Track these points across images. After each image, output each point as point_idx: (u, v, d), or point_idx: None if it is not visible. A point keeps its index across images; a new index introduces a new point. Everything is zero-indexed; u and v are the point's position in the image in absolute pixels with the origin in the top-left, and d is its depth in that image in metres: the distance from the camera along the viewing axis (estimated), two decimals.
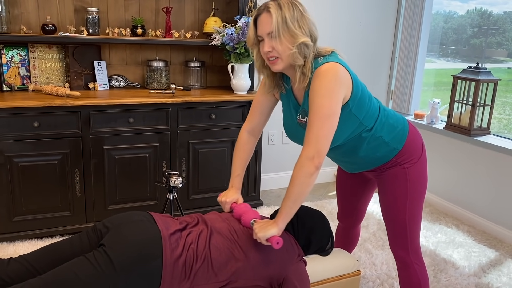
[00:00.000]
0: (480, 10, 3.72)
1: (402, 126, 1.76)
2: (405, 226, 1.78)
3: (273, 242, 1.53)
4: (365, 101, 1.64)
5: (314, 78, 1.54)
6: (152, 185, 2.92)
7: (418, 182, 1.76)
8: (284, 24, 1.51)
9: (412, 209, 1.76)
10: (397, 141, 1.73)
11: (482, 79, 3.15)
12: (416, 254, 1.82)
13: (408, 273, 1.83)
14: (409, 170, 1.75)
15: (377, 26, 3.94)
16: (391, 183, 1.77)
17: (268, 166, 3.76)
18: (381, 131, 1.70)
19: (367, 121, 1.66)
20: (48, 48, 2.96)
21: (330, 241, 1.94)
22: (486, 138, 3.18)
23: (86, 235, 1.60)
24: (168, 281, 1.47)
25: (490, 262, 2.75)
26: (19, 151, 2.56)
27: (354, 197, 2.07)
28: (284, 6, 1.53)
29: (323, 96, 1.51)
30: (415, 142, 1.77)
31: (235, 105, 3.05)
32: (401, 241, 1.81)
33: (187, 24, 3.31)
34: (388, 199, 1.80)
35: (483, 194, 3.20)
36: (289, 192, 1.56)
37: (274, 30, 1.52)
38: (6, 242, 2.67)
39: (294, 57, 1.55)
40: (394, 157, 1.74)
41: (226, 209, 1.82)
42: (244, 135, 1.88)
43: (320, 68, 1.54)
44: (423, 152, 1.79)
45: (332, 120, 1.52)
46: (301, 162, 1.53)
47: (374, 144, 1.71)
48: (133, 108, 2.76)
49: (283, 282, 1.64)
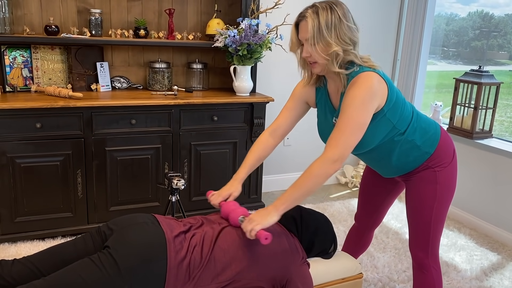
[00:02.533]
0: (481, 13, 3.72)
1: (434, 131, 1.77)
2: (429, 228, 1.78)
3: (261, 237, 1.49)
4: (399, 105, 1.66)
5: (350, 86, 1.57)
6: (154, 186, 2.92)
7: (447, 186, 1.77)
8: (319, 32, 1.54)
9: (439, 212, 1.77)
10: (429, 145, 1.74)
11: (484, 82, 3.15)
12: (435, 258, 1.83)
13: (424, 276, 1.83)
14: (439, 174, 1.75)
15: (380, 29, 3.94)
16: (420, 184, 1.78)
17: (270, 168, 3.76)
18: (414, 134, 1.71)
19: (400, 125, 1.68)
20: (51, 49, 2.96)
21: (333, 244, 1.94)
22: (488, 141, 3.18)
23: (90, 237, 1.59)
24: (172, 283, 1.47)
25: (492, 266, 2.75)
26: (21, 152, 2.57)
27: (377, 198, 2.06)
28: (322, 11, 1.54)
29: (356, 107, 1.53)
30: (446, 146, 1.78)
31: (237, 107, 3.05)
32: (422, 243, 1.81)
33: (190, 25, 3.31)
34: (416, 199, 1.80)
35: (485, 197, 3.20)
36: (300, 184, 1.56)
37: (309, 38, 1.56)
38: (8, 243, 2.67)
39: (328, 64, 1.58)
40: (425, 161, 1.75)
41: (213, 201, 1.80)
42: (264, 134, 1.89)
43: (358, 77, 1.56)
44: (454, 157, 1.79)
45: (361, 131, 1.56)
46: (323, 161, 1.54)
47: (406, 148, 1.72)
48: (135, 110, 2.76)
49: (286, 283, 1.64)
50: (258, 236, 1.51)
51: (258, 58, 3.07)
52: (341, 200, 3.62)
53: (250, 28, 2.94)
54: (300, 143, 3.82)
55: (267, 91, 3.46)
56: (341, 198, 3.69)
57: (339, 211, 3.41)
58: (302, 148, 3.84)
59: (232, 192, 1.81)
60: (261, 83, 3.45)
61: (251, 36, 2.92)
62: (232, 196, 1.81)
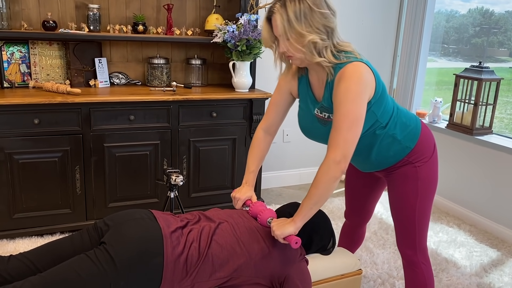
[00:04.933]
0: (481, 9, 3.70)
1: (415, 125, 1.75)
2: (414, 225, 1.76)
3: (292, 241, 1.54)
4: (384, 98, 1.64)
5: (340, 80, 1.52)
6: (152, 182, 2.91)
7: (428, 181, 1.75)
8: (289, 26, 1.49)
9: (422, 208, 1.75)
10: (409, 140, 1.72)
11: (484, 78, 3.14)
12: (423, 253, 1.82)
13: (415, 273, 1.82)
14: (420, 169, 1.73)
15: (379, 25, 3.93)
16: (401, 181, 1.76)
17: (269, 165, 3.75)
18: (395, 128, 1.69)
19: (382, 118, 1.65)
20: (49, 45, 2.94)
21: (331, 240, 1.93)
22: (488, 138, 3.17)
23: (87, 233, 1.59)
24: (169, 279, 1.46)
25: (492, 262, 2.75)
26: (20, 148, 2.55)
27: (362, 196, 2.06)
28: (290, 3, 1.48)
29: (350, 101, 1.49)
30: (427, 141, 1.76)
31: (236, 103, 3.04)
32: (409, 240, 1.80)
33: (189, 21, 3.29)
34: (398, 197, 1.78)
35: (485, 194, 3.19)
36: (311, 194, 1.54)
37: (281, 34, 1.51)
38: (6, 239, 2.66)
39: (307, 56, 1.53)
40: (406, 156, 1.72)
41: (238, 206, 1.80)
42: (260, 133, 1.87)
43: (345, 69, 1.51)
44: (434, 152, 1.78)
45: (359, 124, 1.52)
46: (327, 165, 1.51)
47: (387, 142, 1.70)
48: (134, 106, 2.75)
49: (285, 280, 1.63)
50: (288, 240, 1.55)
51: (257, 54, 3.05)
52: (340, 197, 3.61)
53: (249, 24, 2.92)
54: (299, 140, 3.81)
55: (266, 87, 3.45)
56: (340, 195, 3.68)
57: (338, 208, 3.40)
58: (301, 144, 3.82)
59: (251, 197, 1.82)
60: (260, 79, 3.43)
61: (250, 32, 2.90)
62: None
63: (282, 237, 1.55)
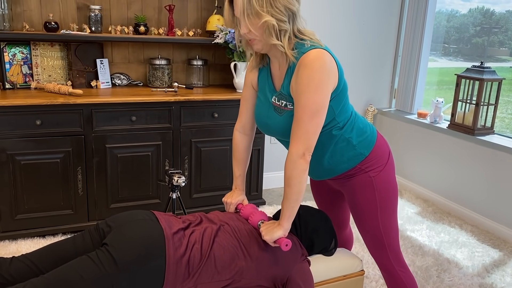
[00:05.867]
0: (482, 9, 3.70)
1: (371, 132, 1.70)
2: (381, 236, 1.72)
3: (282, 244, 1.53)
4: (344, 94, 1.59)
5: (300, 67, 1.45)
6: (154, 183, 2.91)
7: (386, 190, 1.69)
8: (248, 3, 1.42)
9: (385, 218, 1.70)
10: (364, 147, 1.66)
11: (486, 78, 3.14)
12: (398, 260, 1.78)
13: (395, 281, 1.80)
14: (375, 179, 1.67)
15: (381, 25, 3.93)
16: (358, 193, 1.71)
17: (271, 165, 3.75)
18: (351, 132, 1.64)
19: (340, 117, 1.60)
20: (51, 46, 2.95)
21: (333, 241, 1.92)
22: (490, 138, 3.17)
23: (89, 234, 1.58)
24: (171, 280, 1.46)
25: (494, 262, 2.74)
26: (21, 149, 2.56)
27: (331, 205, 2.00)
28: None
29: (312, 90, 1.43)
30: (381, 149, 1.70)
31: (237, 104, 3.03)
32: (381, 251, 1.76)
33: (190, 22, 3.30)
34: (359, 209, 1.73)
35: (487, 194, 3.19)
36: (288, 193, 1.53)
37: (240, 11, 1.44)
38: (8, 240, 2.67)
39: (265, 38, 1.47)
40: (359, 163, 1.67)
41: (231, 210, 1.81)
42: (236, 135, 1.84)
43: (307, 56, 1.44)
44: (389, 160, 1.72)
45: (320, 115, 1.47)
46: (292, 160, 1.49)
47: (341, 146, 1.64)
48: (136, 107, 2.75)
49: (287, 282, 1.63)
50: (278, 242, 1.55)
51: None
52: None
53: None
54: None
55: None
56: None
57: None
58: None
59: (242, 201, 1.83)
60: None
61: None
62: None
63: (272, 241, 1.54)
